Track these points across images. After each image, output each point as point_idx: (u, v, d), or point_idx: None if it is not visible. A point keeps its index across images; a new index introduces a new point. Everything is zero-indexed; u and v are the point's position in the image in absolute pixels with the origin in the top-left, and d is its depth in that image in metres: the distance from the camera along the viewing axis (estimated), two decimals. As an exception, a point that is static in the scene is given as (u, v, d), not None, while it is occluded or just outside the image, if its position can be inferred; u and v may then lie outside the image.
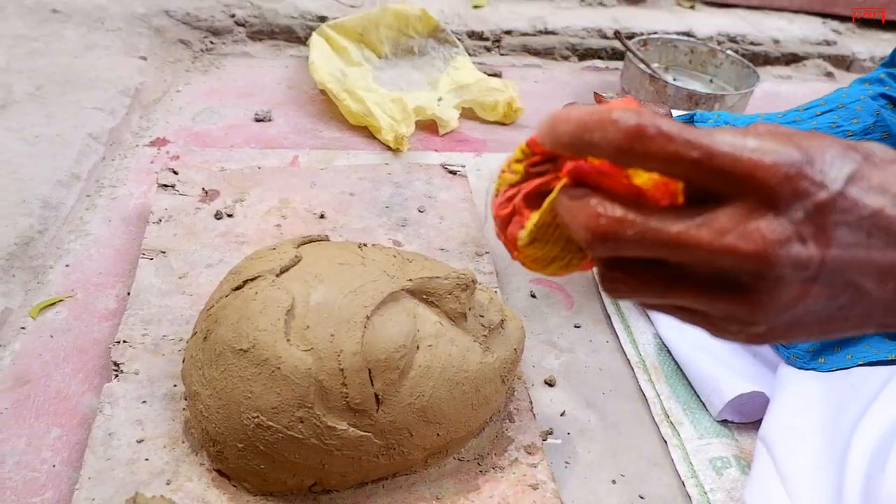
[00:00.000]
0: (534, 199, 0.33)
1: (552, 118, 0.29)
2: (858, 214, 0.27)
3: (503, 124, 1.21)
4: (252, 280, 0.60)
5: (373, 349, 0.56)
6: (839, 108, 0.77)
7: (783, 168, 0.26)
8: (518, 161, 0.34)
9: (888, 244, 0.27)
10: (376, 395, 0.56)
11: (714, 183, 0.27)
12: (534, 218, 0.32)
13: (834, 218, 0.26)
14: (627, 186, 0.29)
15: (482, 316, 0.62)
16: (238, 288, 0.60)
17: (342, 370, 0.55)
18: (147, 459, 0.59)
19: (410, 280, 0.60)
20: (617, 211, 0.27)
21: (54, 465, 0.63)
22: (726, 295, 0.27)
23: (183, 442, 0.61)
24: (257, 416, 0.55)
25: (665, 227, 0.27)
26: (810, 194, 0.26)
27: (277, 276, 0.59)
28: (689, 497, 0.66)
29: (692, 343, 0.77)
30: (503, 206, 0.35)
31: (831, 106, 0.78)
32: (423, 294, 0.60)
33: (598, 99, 0.65)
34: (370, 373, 0.56)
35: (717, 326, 0.29)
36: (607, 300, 0.88)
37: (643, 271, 0.28)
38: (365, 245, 0.66)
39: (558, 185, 0.31)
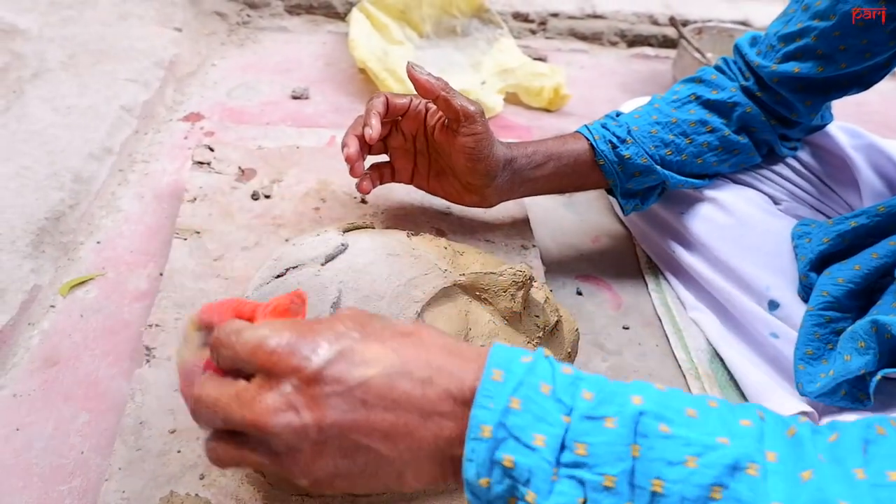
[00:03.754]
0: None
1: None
2: (347, 385, 0.32)
3: (548, 111, 1.16)
4: (295, 268, 0.56)
5: (423, 348, 0.52)
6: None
7: (275, 349, 0.32)
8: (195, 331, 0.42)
9: (385, 409, 0.32)
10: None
11: (243, 369, 0.34)
12: None
13: (324, 389, 0.31)
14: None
15: (538, 316, 0.58)
16: (280, 276, 0.56)
17: (390, 369, 0.51)
18: (179, 451, 0.56)
19: (463, 275, 0.56)
20: (197, 389, 0.34)
21: (83, 452, 0.60)
22: (268, 457, 0.33)
23: (216, 435, 0.58)
24: (298, 415, 0.51)
25: (217, 399, 0.33)
26: (298, 370, 0.32)
27: (322, 265, 0.55)
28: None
29: (744, 355, 0.73)
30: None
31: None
32: (477, 290, 0.56)
33: (409, 71, 0.66)
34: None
35: (277, 479, 0.37)
36: (657, 301, 0.83)
37: (230, 441, 0.34)
38: (414, 234, 0.62)
39: None
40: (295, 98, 1.11)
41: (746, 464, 0.29)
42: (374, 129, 0.65)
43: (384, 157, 0.75)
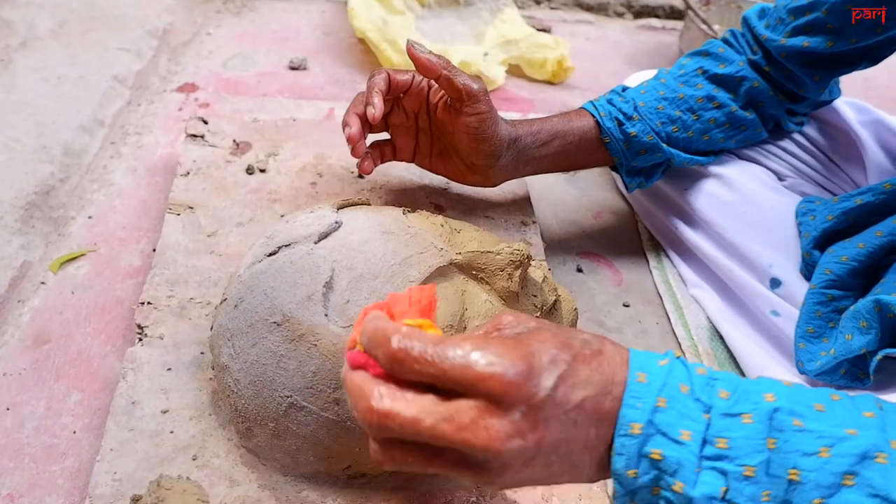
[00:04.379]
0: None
1: (365, 322, 0.37)
2: (565, 409, 0.34)
3: (552, 84, 1.13)
4: (287, 246, 0.55)
5: (418, 329, 0.51)
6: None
7: (505, 378, 0.33)
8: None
9: (590, 425, 0.35)
10: (419, 379, 0.51)
11: (454, 389, 0.34)
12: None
13: (546, 414, 0.33)
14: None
15: (535, 296, 0.57)
16: (272, 254, 0.55)
17: (384, 351, 0.50)
18: (172, 432, 0.56)
19: (460, 254, 0.55)
20: (384, 405, 0.34)
21: (75, 432, 0.60)
22: (468, 470, 0.35)
23: (210, 415, 0.57)
24: (290, 396, 0.51)
25: (422, 419, 0.33)
26: (527, 398, 0.33)
27: (316, 243, 0.54)
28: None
29: (745, 333, 0.72)
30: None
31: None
32: (473, 269, 0.55)
33: (409, 50, 0.63)
34: (414, 355, 0.51)
35: (462, 481, 0.38)
36: (659, 279, 0.82)
37: (408, 450, 0.35)
38: (410, 211, 0.60)
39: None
40: (292, 69, 1.09)
41: (875, 453, 0.33)
42: (377, 108, 0.63)
43: (385, 135, 0.73)
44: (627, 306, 0.79)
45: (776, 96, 0.74)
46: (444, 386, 0.34)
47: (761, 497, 0.33)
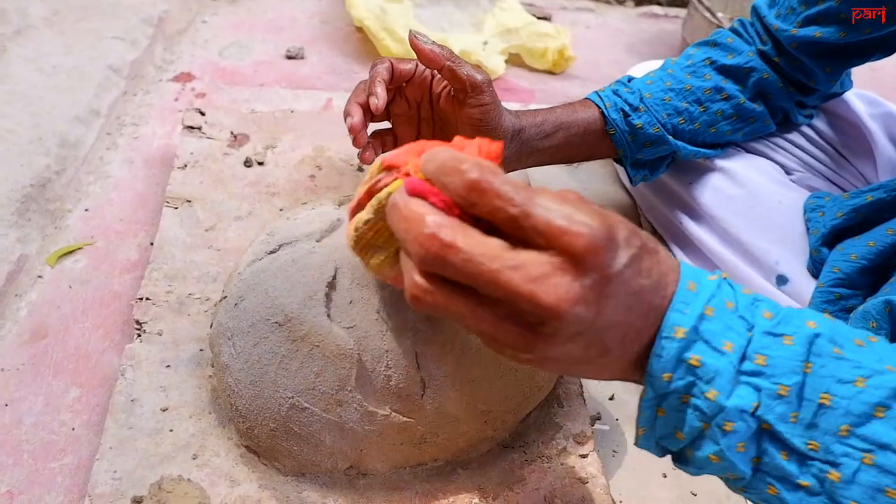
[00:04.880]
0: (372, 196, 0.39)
1: (430, 152, 0.35)
2: (627, 291, 0.33)
3: (552, 73, 1.12)
4: (289, 244, 0.54)
5: (421, 330, 0.50)
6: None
7: (589, 239, 0.31)
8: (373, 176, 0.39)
9: (639, 316, 0.34)
10: (423, 380, 0.51)
11: (529, 237, 0.32)
12: (367, 208, 0.38)
13: (612, 289, 0.32)
14: (450, 205, 0.33)
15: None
16: (273, 252, 0.54)
17: (387, 351, 0.50)
18: (171, 430, 0.55)
19: (464, 252, 0.54)
20: (448, 235, 0.32)
21: (73, 429, 0.59)
22: (515, 328, 0.33)
23: (210, 413, 0.57)
24: (292, 397, 0.50)
25: (487, 261, 0.31)
26: (602, 267, 0.32)
27: (318, 241, 0.53)
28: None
29: None
30: (354, 207, 0.40)
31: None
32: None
33: (412, 40, 0.62)
34: (417, 356, 0.50)
35: (497, 344, 0.34)
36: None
37: (454, 292, 0.33)
38: (412, 208, 0.59)
39: (391, 185, 0.37)
40: (289, 58, 1.07)
41: None
42: (380, 99, 0.61)
43: (386, 125, 0.72)
44: (630, 301, 0.78)
45: (786, 88, 0.72)
46: (518, 233, 0.32)
47: (789, 417, 0.34)
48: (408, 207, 0.33)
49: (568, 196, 0.33)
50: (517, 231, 0.32)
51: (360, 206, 0.40)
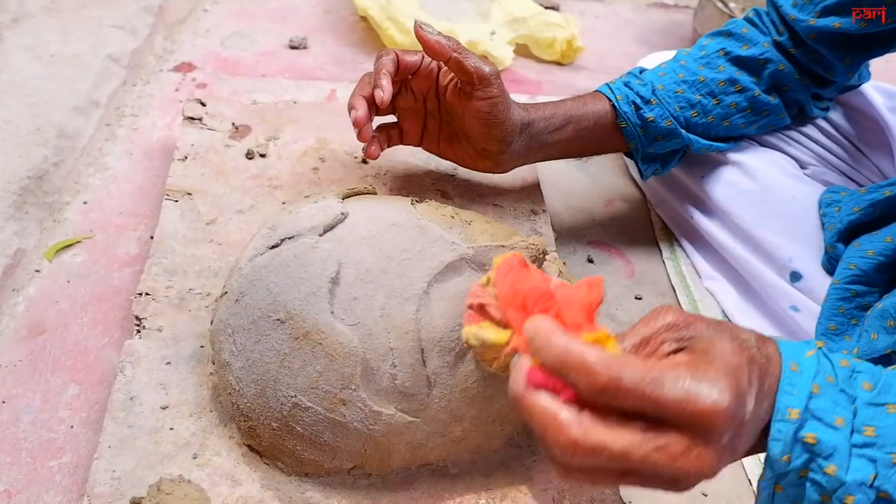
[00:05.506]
0: (481, 310, 0.42)
1: (539, 335, 0.35)
2: (757, 419, 0.35)
3: (560, 64, 1.09)
4: (291, 238, 0.52)
5: (428, 327, 0.49)
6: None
7: (725, 413, 0.32)
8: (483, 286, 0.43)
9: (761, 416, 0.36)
10: (428, 379, 0.49)
11: (666, 420, 0.33)
12: (473, 331, 0.42)
13: (746, 428, 0.35)
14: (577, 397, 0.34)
15: (550, 292, 0.54)
16: (275, 247, 0.52)
17: (392, 349, 0.48)
18: (172, 429, 0.54)
19: (471, 247, 0.52)
20: (592, 439, 0.32)
21: (72, 426, 0.58)
22: (661, 484, 0.34)
23: (211, 411, 0.55)
24: (295, 396, 0.48)
25: (632, 453, 0.32)
26: (736, 425, 0.33)
27: (320, 235, 0.52)
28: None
29: (762, 328, 0.69)
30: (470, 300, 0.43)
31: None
32: (486, 265, 0.53)
33: (417, 31, 0.61)
34: (423, 353, 0.49)
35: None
36: (672, 270, 0.79)
37: (603, 471, 0.34)
38: (418, 201, 0.58)
39: (507, 355, 0.39)
40: (292, 48, 1.05)
41: None
42: (386, 92, 0.60)
43: (391, 118, 0.70)
44: (640, 299, 0.77)
45: (802, 80, 0.71)
46: (654, 414, 0.33)
47: None
48: (537, 407, 0.34)
49: (695, 360, 0.34)
50: (654, 414, 0.33)
51: (479, 310, 0.42)
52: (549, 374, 0.34)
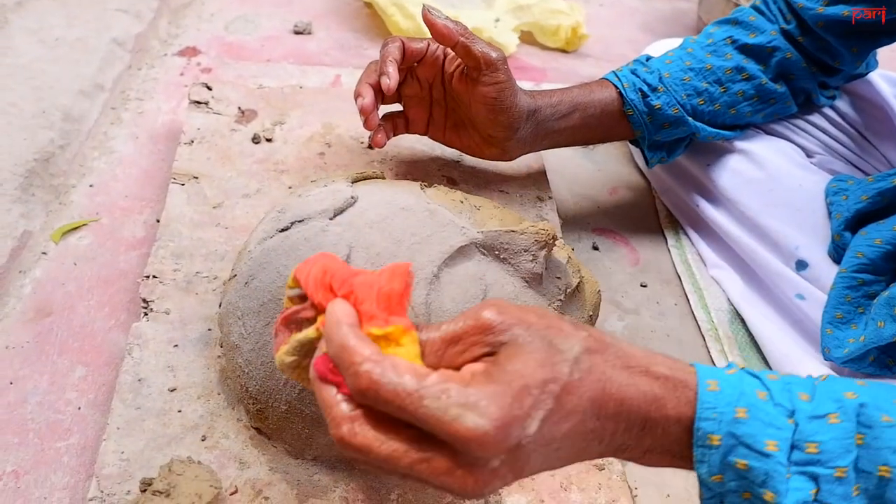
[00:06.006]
0: (292, 322, 0.37)
1: (328, 325, 0.33)
2: (549, 443, 0.32)
3: (565, 52, 1.09)
4: (300, 222, 0.52)
5: (437, 311, 0.49)
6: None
7: (485, 440, 0.30)
8: (290, 287, 0.38)
9: (593, 438, 0.34)
10: (438, 362, 0.49)
11: (434, 434, 0.31)
12: (289, 349, 0.37)
13: (527, 452, 0.32)
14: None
15: (559, 278, 0.54)
16: (285, 230, 0.52)
17: (402, 333, 0.48)
18: (180, 411, 0.54)
19: (481, 232, 0.53)
20: (357, 440, 0.32)
21: (80, 408, 0.58)
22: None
23: (218, 394, 0.56)
24: (305, 378, 0.49)
25: (396, 460, 0.31)
26: (507, 449, 0.31)
27: (331, 219, 0.52)
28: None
29: (767, 317, 0.70)
30: (278, 327, 0.38)
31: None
32: (496, 250, 0.53)
33: (425, 15, 0.60)
34: (433, 337, 0.49)
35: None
36: (677, 258, 0.80)
37: (379, 470, 0.33)
38: (427, 186, 0.58)
39: (309, 332, 0.35)
40: (297, 33, 1.05)
41: None
42: (392, 79, 0.59)
43: (396, 107, 0.70)
44: (645, 286, 0.77)
45: (809, 68, 0.70)
46: (416, 425, 0.31)
47: (852, 492, 0.33)
48: (320, 395, 0.33)
49: (468, 337, 0.33)
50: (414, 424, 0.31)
51: (284, 322, 0.37)
52: (332, 365, 0.33)
